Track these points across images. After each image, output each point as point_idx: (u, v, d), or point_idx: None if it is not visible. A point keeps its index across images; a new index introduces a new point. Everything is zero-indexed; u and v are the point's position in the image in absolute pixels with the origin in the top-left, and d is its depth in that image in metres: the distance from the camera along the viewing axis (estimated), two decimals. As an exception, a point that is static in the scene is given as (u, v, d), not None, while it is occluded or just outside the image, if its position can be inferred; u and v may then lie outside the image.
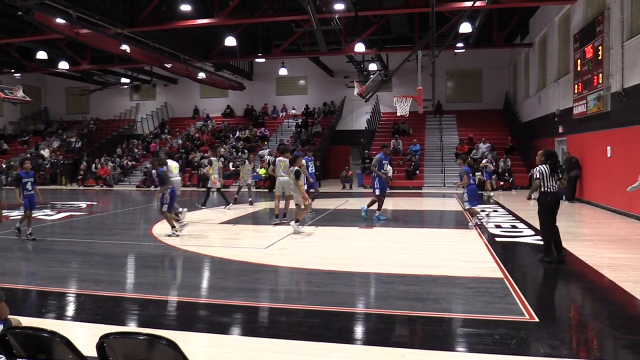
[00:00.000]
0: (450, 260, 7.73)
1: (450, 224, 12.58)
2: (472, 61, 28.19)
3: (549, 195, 7.49)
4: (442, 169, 23.59)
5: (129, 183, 26.59)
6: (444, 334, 4.68)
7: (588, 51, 14.54)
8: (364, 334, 4.80)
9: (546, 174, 7.46)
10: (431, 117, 28.22)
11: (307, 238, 9.96)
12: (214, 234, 10.77)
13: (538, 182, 7.52)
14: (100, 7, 16.74)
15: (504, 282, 6.32)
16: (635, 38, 12.12)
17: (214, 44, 23.37)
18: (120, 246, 9.25)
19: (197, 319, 5.27)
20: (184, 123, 32.92)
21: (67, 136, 31.68)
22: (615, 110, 13.20)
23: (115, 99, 34.28)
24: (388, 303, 5.56)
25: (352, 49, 21.42)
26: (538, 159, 7.73)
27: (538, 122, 21.69)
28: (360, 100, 24.34)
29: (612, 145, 13.49)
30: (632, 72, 12.27)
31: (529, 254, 8.44)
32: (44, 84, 34.88)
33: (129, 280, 7.05)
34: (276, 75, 30.52)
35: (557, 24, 18.80)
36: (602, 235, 10.11)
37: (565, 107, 17.23)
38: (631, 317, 5.23)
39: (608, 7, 13.47)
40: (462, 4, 16.42)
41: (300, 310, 5.39)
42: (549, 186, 7.47)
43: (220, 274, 7.28)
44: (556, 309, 5.67)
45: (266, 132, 29.43)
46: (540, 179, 7.48)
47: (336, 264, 7.52)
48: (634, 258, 7.84)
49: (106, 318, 5.14)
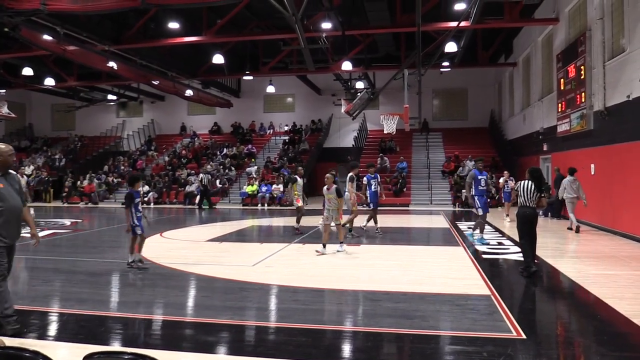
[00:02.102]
0: (438, 278, 7.74)
1: (438, 241, 12.61)
2: (457, 80, 28.56)
3: (527, 210, 7.85)
4: (429, 186, 23.72)
5: (114, 200, 26.33)
6: (432, 351, 4.66)
7: (571, 71, 14.82)
8: (352, 352, 4.77)
9: (527, 190, 7.83)
10: (418, 134, 28.46)
11: (294, 255, 9.92)
12: (200, 251, 10.68)
13: (514, 194, 8.04)
14: (87, 24, 16.74)
15: (491, 299, 6.33)
16: (617, 58, 12.39)
17: (202, 62, 23.42)
18: (105, 264, 9.12)
19: (182, 337, 5.20)
20: (170, 140, 32.81)
21: (52, 153, 31.37)
22: (598, 128, 13.43)
23: (102, 116, 34.08)
24: (375, 321, 5.53)
25: (339, 67, 21.61)
26: (526, 175, 8.12)
27: (523, 140, 21.96)
28: (347, 117, 24.54)
29: (595, 162, 13.69)
30: (613, 91, 12.51)
31: (515, 270, 8.47)
32: (29, 100, 34.60)
33: (114, 298, 6.94)
34: (264, 92, 30.64)
35: (541, 44, 19.16)
36: (588, 252, 10.20)
37: (550, 125, 17.48)
38: (617, 334, 5.25)
39: (589, 28, 13.77)
40: (448, 24, 16.70)
41: (287, 329, 5.34)
42: (528, 201, 7.84)
43: (207, 292, 7.20)
44: (543, 326, 5.68)
45: (253, 149, 29.42)
46: (519, 192, 7.91)
47: (323, 282, 7.49)
48: (619, 275, 7.91)
49: (90, 337, 5.05)
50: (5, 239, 5.12)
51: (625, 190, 11.83)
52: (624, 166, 11.88)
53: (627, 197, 11.73)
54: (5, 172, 5.26)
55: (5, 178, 5.23)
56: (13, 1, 12.94)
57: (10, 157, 5.31)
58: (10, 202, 5.18)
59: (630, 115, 11.60)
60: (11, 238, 5.22)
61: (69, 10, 13.22)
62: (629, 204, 11.67)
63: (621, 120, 12.12)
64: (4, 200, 5.12)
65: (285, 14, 12.95)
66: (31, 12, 13.35)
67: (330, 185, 10.12)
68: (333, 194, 10.09)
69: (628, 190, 11.68)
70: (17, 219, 5.31)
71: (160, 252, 10.32)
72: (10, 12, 13.23)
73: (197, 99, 28.29)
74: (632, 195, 11.52)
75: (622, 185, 12.00)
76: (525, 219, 7.85)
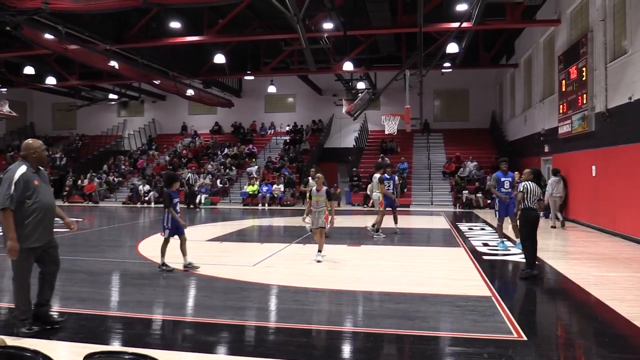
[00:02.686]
0: (438, 278, 7.73)
1: (438, 242, 12.60)
2: (459, 81, 28.53)
3: (531, 211, 7.79)
4: (430, 187, 23.71)
5: (115, 199, 26.34)
6: (432, 352, 4.65)
7: (572, 72, 14.80)
8: (352, 353, 4.76)
9: (530, 191, 7.81)
10: (419, 135, 28.44)
11: (295, 256, 9.92)
12: (200, 251, 10.66)
13: (521, 195, 7.87)
14: (89, 23, 16.74)
15: (492, 301, 6.32)
16: (619, 60, 12.38)
17: (203, 61, 23.42)
18: (106, 263, 9.12)
19: (183, 337, 5.19)
20: (171, 139, 32.81)
21: (53, 152, 31.38)
22: (600, 130, 13.41)
23: (103, 115, 34.10)
24: (376, 321, 5.52)
25: (340, 68, 21.60)
26: (525, 177, 8.17)
27: (524, 141, 21.94)
28: (348, 118, 24.55)
29: (596, 164, 13.67)
30: (615, 93, 12.50)
31: (516, 271, 8.47)
32: (30, 99, 34.63)
33: (114, 298, 6.94)
34: (265, 92, 30.63)
35: (542, 46, 19.15)
36: (589, 253, 10.18)
37: (551, 126, 17.47)
38: (618, 336, 5.24)
39: (591, 30, 13.76)
40: (449, 24, 16.68)
41: (287, 329, 5.34)
42: (532, 203, 7.80)
43: (207, 291, 7.20)
44: (544, 328, 5.67)
45: (254, 149, 29.43)
46: (524, 194, 7.83)
47: (324, 282, 7.48)
48: (619, 276, 7.90)
49: (90, 337, 5.04)
50: (36, 241, 4.97)
51: (626, 192, 11.81)
52: (625, 168, 11.87)
53: (628, 199, 11.72)
54: (37, 169, 5.15)
55: (38, 174, 5.13)
56: (15, 0, 12.96)
57: (43, 152, 5.20)
58: (46, 198, 5.09)
59: (632, 117, 11.59)
60: (42, 240, 5.07)
61: (71, 9, 13.22)
62: (630, 206, 11.65)
63: (623, 122, 12.10)
64: (40, 197, 5.01)
65: (286, 14, 12.94)
66: (33, 11, 13.35)
67: (320, 187, 9.32)
68: (323, 196, 9.26)
69: (629, 192, 11.67)
70: (51, 217, 5.20)
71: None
72: (12, 11, 13.23)
73: (198, 99, 28.29)
74: (633, 197, 11.51)
75: (623, 187, 11.98)
76: (530, 220, 7.80)
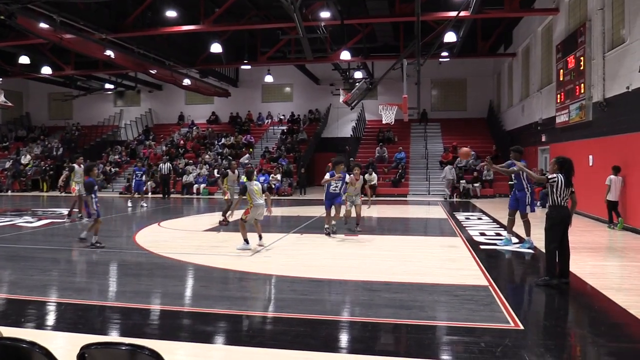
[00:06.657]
0: (436, 268, 7.75)
1: (436, 231, 12.62)
2: (456, 70, 28.46)
3: (562, 210, 6.55)
4: (427, 177, 23.71)
5: (112, 190, 26.27)
6: (430, 342, 4.67)
7: (570, 61, 14.76)
8: (350, 343, 4.78)
9: (561, 184, 6.52)
10: (416, 125, 28.42)
11: (293, 246, 9.93)
12: (198, 241, 10.67)
13: (544, 178, 6.73)
14: (84, 12, 16.59)
15: (489, 290, 6.34)
16: (617, 49, 12.34)
17: (200, 51, 23.29)
18: (103, 254, 9.10)
19: (180, 328, 5.20)
20: (168, 129, 32.69)
21: (50, 142, 31.25)
22: (597, 119, 13.41)
23: (99, 105, 33.92)
24: (374, 311, 5.54)
25: (337, 57, 21.52)
26: (551, 167, 6.89)
27: (522, 131, 21.93)
28: (345, 107, 24.42)
29: (593, 154, 13.68)
30: (613, 82, 12.48)
31: (512, 261, 8.49)
32: (26, 89, 34.41)
33: (111, 288, 6.94)
34: (262, 82, 30.51)
35: (540, 35, 19.08)
36: (585, 243, 10.21)
37: (548, 116, 17.46)
38: (614, 324, 5.27)
39: (589, 19, 13.70)
40: (447, 13, 16.60)
41: (285, 319, 5.35)
42: (563, 199, 6.54)
43: (205, 281, 7.20)
44: (540, 317, 5.70)
45: (251, 139, 29.35)
46: (554, 187, 6.53)
47: (321, 272, 7.49)
48: (615, 266, 7.94)
49: (87, 328, 5.04)
50: None
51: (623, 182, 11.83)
52: (622, 157, 11.88)
53: (625, 189, 11.74)
54: None
55: None
56: (9, -12, 12.84)
57: None
58: None
59: (630, 106, 11.58)
60: None
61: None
62: (627, 195, 11.68)
63: (620, 112, 12.09)
64: None
65: (283, 2, 12.86)
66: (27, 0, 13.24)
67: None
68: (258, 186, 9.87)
69: (626, 182, 11.69)
70: None
71: (158, 241, 10.33)
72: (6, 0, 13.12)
73: (194, 89, 28.17)
74: (629, 186, 11.53)
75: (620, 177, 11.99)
76: (560, 221, 6.53)
